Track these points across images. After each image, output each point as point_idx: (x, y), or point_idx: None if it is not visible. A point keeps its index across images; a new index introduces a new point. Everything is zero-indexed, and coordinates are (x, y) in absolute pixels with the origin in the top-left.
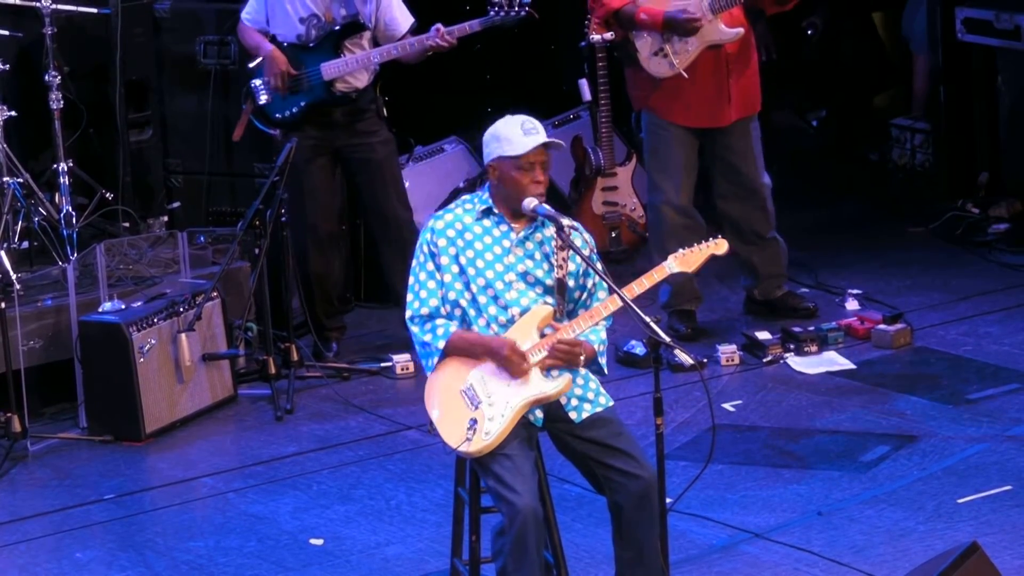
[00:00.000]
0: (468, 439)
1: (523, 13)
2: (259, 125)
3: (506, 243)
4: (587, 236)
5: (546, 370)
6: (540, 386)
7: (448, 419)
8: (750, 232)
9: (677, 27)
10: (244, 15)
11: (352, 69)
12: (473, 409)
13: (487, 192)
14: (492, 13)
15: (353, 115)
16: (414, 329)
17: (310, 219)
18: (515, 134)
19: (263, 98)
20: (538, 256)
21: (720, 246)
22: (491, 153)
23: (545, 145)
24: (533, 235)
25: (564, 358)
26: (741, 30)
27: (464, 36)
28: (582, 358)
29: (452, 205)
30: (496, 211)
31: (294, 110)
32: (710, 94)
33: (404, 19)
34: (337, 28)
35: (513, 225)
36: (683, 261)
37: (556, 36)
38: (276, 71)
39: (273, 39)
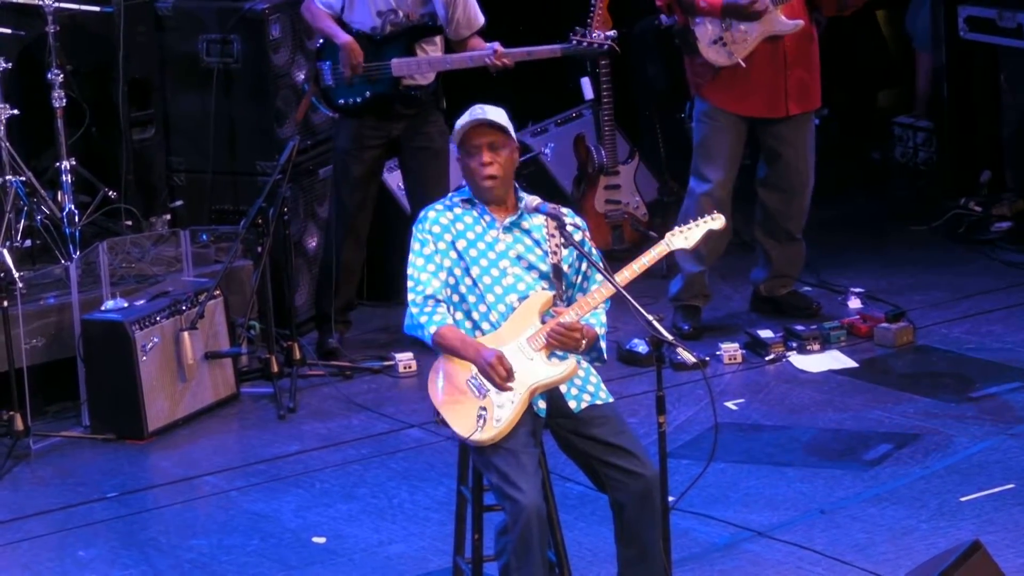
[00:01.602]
0: (479, 428)
1: (605, 47)
2: (320, 107)
3: (494, 232)
4: (579, 221)
5: (550, 355)
6: (547, 371)
7: (456, 409)
8: (781, 227)
9: (737, 12)
10: None
11: (424, 70)
12: (481, 398)
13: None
14: (574, 42)
15: (414, 109)
16: (412, 310)
17: (354, 206)
18: (462, 121)
19: (328, 80)
20: (528, 242)
21: (717, 220)
22: (456, 151)
23: (484, 124)
24: (519, 222)
25: (562, 341)
26: (801, 22)
27: (525, 60)
28: (583, 342)
29: (439, 200)
30: (477, 201)
31: (359, 99)
32: (766, 85)
33: (476, 18)
34: (413, 26)
35: (496, 214)
36: (681, 237)
37: (563, 33)
38: (353, 62)
39: (345, 26)
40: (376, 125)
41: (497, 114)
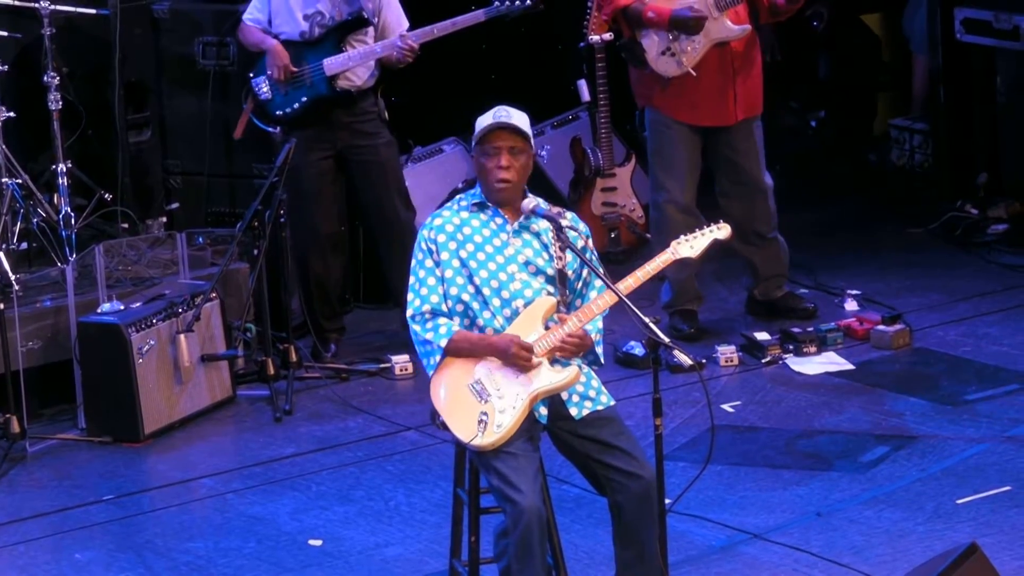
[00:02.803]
0: (480, 433)
1: (527, 3)
2: (259, 123)
3: (503, 236)
4: (582, 227)
5: (552, 361)
6: (549, 377)
7: (457, 414)
8: (751, 232)
9: (684, 25)
10: (245, 16)
11: (354, 64)
12: (483, 403)
13: (479, 188)
14: (497, 3)
15: (355, 116)
16: (415, 327)
17: (310, 221)
18: (485, 120)
19: (264, 93)
20: (536, 245)
21: (723, 230)
22: (473, 148)
23: (508, 128)
24: (528, 226)
25: (574, 351)
26: (747, 27)
27: (444, 35)
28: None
29: (448, 204)
30: (489, 204)
31: (295, 106)
32: (715, 92)
33: (400, 20)
34: (341, 23)
35: (507, 216)
36: (687, 246)
37: (561, 36)
38: (278, 63)
39: (275, 37)
40: (319, 135)
41: (521, 119)
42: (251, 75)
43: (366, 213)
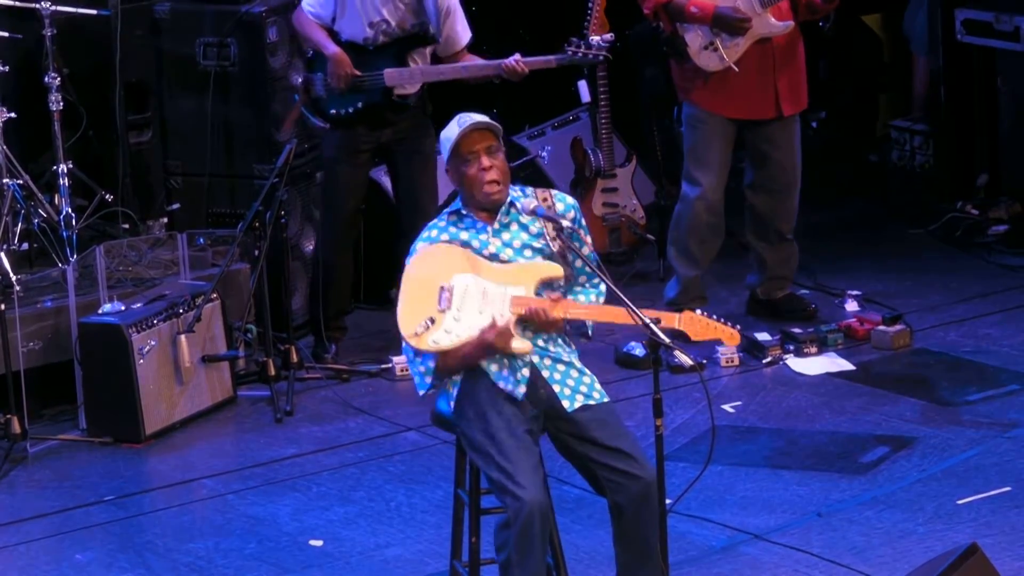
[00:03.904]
0: (416, 332)
1: (600, 58)
2: (310, 116)
3: (484, 236)
4: (569, 200)
5: (519, 322)
6: (506, 337)
7: (412, 303)
8: (772, 229)
9: (727, 25)
10: (307, 6)
11: (417, 81)
12: (439, 310)
13: (459, 200)
14: (569, 52)
15: (403, 115)
16: (408, 356)
17: (344, 213)
18: (452, 131)
19: (320, 91)
20: (525, 236)
21: (733, 337)
22: (444, 160)
23: (478, 127)
24: (508, 225)
25: (538, 325)
26: (790, 23)
27: (538, 69)
28: (553, 328)
29: (432, 223)
30: (464, 212)
31: (350, 109)
32: (756, 87)
33: (464, 34)
34: (408, 35)
35: (485, 220)
36: (694, 326)
37: (563, 35)
38: (342, 73)
39: (335, 35)
40: (366, 133)
41: (483, 118)
42: (307, 69)
43: (404, 203)
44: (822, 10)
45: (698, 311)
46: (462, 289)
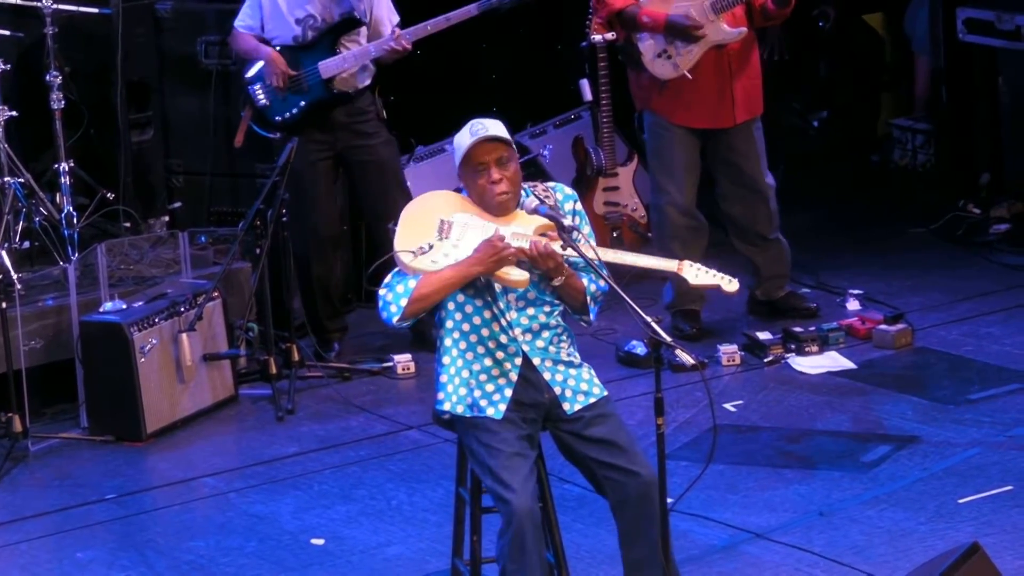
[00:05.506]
0: (412, 255)
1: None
2: (259, 130)
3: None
4: (568, 190)
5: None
6: (503, 265)
7: (412, 228)
8: (752, 233)
9: (679, 32)
10: (237, 23)
11: (350, 65)
12: (437, 238)
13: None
14: None
15: (353, 116)
16: (381, 290)
17: (311, 222)
18: (464, 139)
19: (261, 100)
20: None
21: (732, 284)
22: (456, 167)
23: (489, 140)
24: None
25: (538, 260)
26: (744, 30)
27: (438, 31)
28: (556, 272)
29: None
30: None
31: (294, 111)
32: (712, 95)
33: (391, 15)
34: (333, 25)
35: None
36: (693, 271)
37: (561, 36)
38: (276, 71)
39: (268, 44)
40: (319, 139)
41: (497, 127)
42: (246, 83)
43: (366, 213)
44: (776, 16)
45: (698, 264)
46: (462, 222)
